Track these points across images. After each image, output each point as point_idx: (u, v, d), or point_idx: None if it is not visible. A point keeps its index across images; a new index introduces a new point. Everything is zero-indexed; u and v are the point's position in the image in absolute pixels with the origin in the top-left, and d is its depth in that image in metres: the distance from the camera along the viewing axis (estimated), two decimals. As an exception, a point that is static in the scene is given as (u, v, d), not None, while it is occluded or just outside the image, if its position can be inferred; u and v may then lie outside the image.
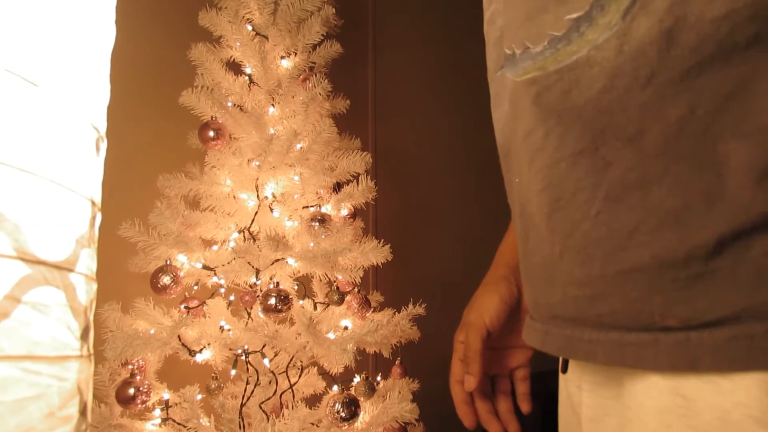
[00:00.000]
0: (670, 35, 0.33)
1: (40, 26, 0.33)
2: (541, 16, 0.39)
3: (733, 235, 0.33)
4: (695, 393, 0.36)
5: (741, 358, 0.33)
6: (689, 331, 0.35)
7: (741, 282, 0.33)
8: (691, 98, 0.34)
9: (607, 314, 0.40)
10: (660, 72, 0.34)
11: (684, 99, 0.34)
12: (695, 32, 0.32)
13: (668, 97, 0.34)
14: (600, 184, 0.38)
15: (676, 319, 0.36)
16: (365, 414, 1.08)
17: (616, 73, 0.36)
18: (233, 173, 1.15)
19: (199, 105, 1.14)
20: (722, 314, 0.34)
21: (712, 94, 0.33)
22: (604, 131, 0.38)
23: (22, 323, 0.30)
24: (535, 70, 0.41)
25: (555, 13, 0.38)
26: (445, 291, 1.26)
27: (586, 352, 0.43)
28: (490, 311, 0.68)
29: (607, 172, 0.38)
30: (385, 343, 1.16)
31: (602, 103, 0.37)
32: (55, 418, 0.32)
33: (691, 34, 0.32)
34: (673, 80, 0.34)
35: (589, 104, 0.38)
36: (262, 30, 1.22)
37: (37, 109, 0.32)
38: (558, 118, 0.40)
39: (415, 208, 1.87)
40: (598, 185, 0.38)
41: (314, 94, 1.14)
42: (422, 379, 1.27)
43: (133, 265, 1.11)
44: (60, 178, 0.34)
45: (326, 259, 1.05)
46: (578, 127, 0.39)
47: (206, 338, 1.03)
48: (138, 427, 1.02)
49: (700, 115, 0.34)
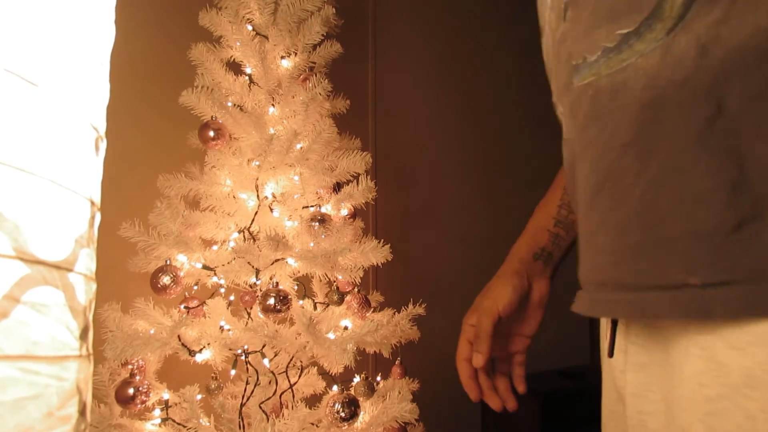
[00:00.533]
0: (704, 49, 0.41)
1: (40, 26, 0.33)
2: (596, 31, 0.48)
3: (752, 217, 0.41)
4: (727, 358, 0.43)
5: (750, 308, 0.41)
6: (706, 288, 0.43)
7: (755, 252, 0.41)
8: (719, 100, 0.41)
9: (631, 275, 0.48)
10: (694, 77, 0.42)
11: (713, 100, 0.42)
12: (724, 48, 0.41)
13: (700, 98, 0.42)
14: (644, 170, 0.46)
15: (698, 277, 0.43)
16: (365, 414, 1.08)
17: (658, 75, 0.44)
18: (233, 173, 1.15)
19: (199, 105, 1.14)
20: (737, 276, 0.42)
21: (736, 97, 0.41)
22: (645, 126, 0.46)
23: (21, 323, 0.30)
24: (591, 75, 0.50)
25: (607, 28, 0.47)
26: (445, 291, 1.26)
27: (608, 309, 0.54)
28: (503, 299, 0.76)
29: (650, 159, 0.46)
30: (385, 343, 1.16)
31: (644, 100, 0.45)
32: (54, 418, 0.32)
33: (721, 49, 0.41)
34: (704, 84, 0.42)
35: (634, 102, 0.46)
36: (262, 30, 1.22)
37: (36, 109, 0.32)
38: (610, 115, 0.48)
39: (415, 208, 1.87)
40: (642, 171, 0.46)
41: (314, 94, 1.14)
42: (422, 379, 1.27)
43: (133, 265, 1.11)
44: (59, 178, 0.34)
45: (326, 259, 1.05)
46: (625, 122, 0.47)
47: (206, 338, 1.03)
48: (138, 427, 1.02)
49: (726, 115, 0.41)
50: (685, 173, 0.44)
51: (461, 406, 1.17)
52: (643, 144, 0.46)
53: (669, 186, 0.45)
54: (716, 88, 0.41)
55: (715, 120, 0.42)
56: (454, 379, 0.97)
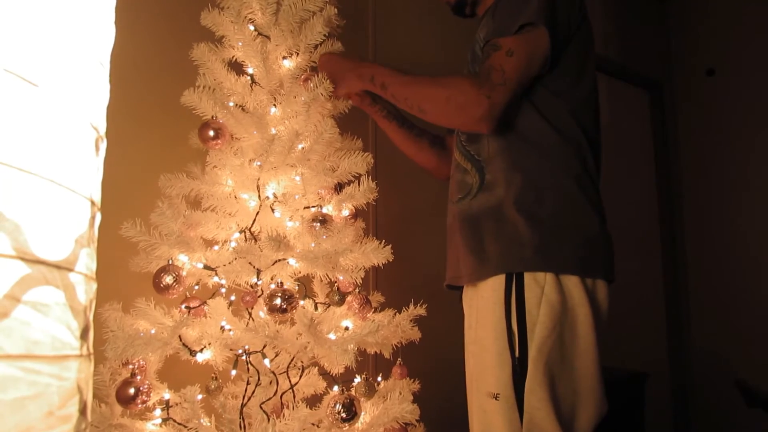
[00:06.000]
0: (471, 204, 1.16)
1: (40, 26, 0.33)
2: (455, 194, 1.23)
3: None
4: (480, 293, 1.09)
5: (483, 273, 1.09)
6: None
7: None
8: (480, 221, 1.14)
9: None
10: (470, 213, 1.16)
11: (477, 222, 1.14)
12: (478, 207, 1.13)
13: (468, 221, 1.16)
14: (452, 239, 1.26)
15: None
16: (366, 414, 1.08)
17: (463, 210, 1.16)
18: (235, 173, 1.15)
19: (200, 105, 1.14)
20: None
21: (485, 222, 1.12)
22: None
23: (21, 322, 0.30)
24: (457, 206, 1.21)
25: (457, 192, 1.22)
26: (446, 291, 1.26)
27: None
28: None
29: (454, 235, 1.23)
30: (385, 343, 1.16)
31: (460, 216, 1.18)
32: (54, 417, 0.32)
33: (476, 207, 1.14)
34: (473, 215, 1.15)
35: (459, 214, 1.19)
36: (264, 30, 1.22)
37: (36, 109, 0.32)
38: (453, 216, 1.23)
39: (416, 209, 1.87)
40: (451, 239, 1.27)
41: (316, 95, 1.14)
42: (423, 379, 1.27)
43: (134, 265, 1.11)
44: (60, 178, 0.34)
45: (327, 260, 1.05)
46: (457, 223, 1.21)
47: (207, 338, 1.03)
48: (139, 427, 1.02)
49: (480, 224, 1.12)
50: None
51: (462, 406, 1.17)
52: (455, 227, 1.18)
53: None
54: (477, 218, 1.11)
55: (476, 226, 1.11)
56: (455, 379, 0.97)
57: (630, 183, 2.89)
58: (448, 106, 1.05)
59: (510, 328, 1.01)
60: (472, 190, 1.13)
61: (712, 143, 2.97)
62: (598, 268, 1.06)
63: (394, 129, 1.40)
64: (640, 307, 2.83)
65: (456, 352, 1.29)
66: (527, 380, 0.99)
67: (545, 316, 1.00)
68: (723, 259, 2.88)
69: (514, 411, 0.99)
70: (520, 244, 1.03)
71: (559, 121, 1.08)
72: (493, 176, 1.10)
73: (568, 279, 1.02)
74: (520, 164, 1.07)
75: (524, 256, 1.02)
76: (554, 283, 1.01)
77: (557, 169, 1.07)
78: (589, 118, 1.13)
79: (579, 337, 1.02)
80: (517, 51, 1.02)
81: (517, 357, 1.00)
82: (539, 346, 0.99)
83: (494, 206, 1.08)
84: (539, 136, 1.08)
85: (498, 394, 1.00)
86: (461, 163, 1.17)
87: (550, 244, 1.03)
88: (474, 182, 1.12)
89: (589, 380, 1.03)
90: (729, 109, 2.91)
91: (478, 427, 1.05)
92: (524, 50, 1.02)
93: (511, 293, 1.02)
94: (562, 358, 1.01)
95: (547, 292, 1.01)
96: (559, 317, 1.01)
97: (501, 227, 1.06)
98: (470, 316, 1.13)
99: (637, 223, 2.94)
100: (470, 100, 1.02)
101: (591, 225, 1.07)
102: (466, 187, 1.14)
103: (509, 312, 1.02)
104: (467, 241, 1.11)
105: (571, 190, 1.06)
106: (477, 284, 1.10)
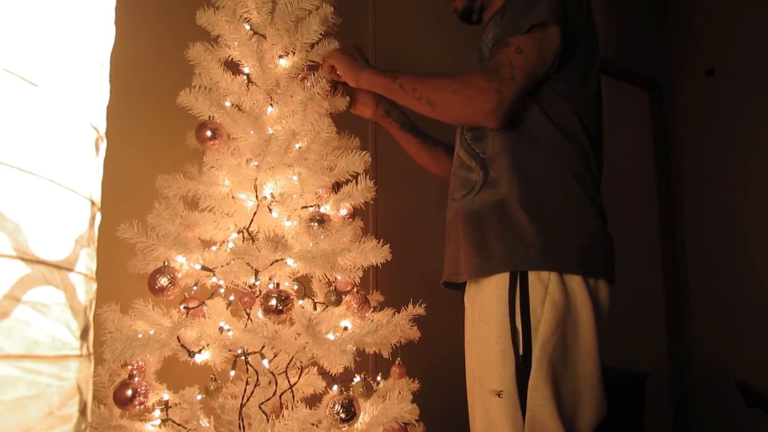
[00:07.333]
0: (474, 200, 1.17)
1: (40, 26, 0.32)
2: (456, 191, 1.25)
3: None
4: (483, 290, 1.10)
5: (486, 271, 1.09)
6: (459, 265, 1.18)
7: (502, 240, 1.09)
8: (482, 218, 1.15)
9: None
10: (473, 208, 1.16)
11: (480, 218, 1.14)
12: (481, 203, 1.15)
13: (471, 217, 1.17)
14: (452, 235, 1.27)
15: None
16: (365, 414, 1.08)
17: (467, 206, 1.17)
18: (232, 173, 1.15)
19: (197, 105, 1.14)
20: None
21: (489, 221, 1.13)
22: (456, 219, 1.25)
23: (21, 323, 0.30)
24: (459, 202, 1.22)
25: (459, 189, 1.23)
26: (445, 291, 1.26)
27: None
28: None
29: (455, 231, 1.21)
30: (384, 343, 1.16)
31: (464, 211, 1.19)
32: (54, 418, 0.32)
33: (479, 203, 1.15)
34: (475, 211, 1.15)
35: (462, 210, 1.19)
36: (260, 29, 1.22)
37: (36, 109, 0.32)
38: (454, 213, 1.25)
39: (414, 208, 1.87)
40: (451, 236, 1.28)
41: (313, 93, 1.13)
42: (422, 379, 1.27)
43: (132, 266, 1.10)
44: (60, 178, 0.34)
45: (325, 260, 1.05)
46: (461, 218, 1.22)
47: (205, 339, 1.03)
48: (138, 428, 1.02)
49: (484, 222, 1.12)
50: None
51: (462, 406, 1.17)
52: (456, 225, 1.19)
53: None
54: (480, 215, 1.12)
55: (479, 222, 1.13)
56: (454, 379, 0.97)
57: (630, 183, 2.90)
58: (456, 98, 1.06)
59: (514, 326, 1.02)
60: (475, 187, 1.13)
61: (712, 143, 2.98)
62: (600, 268, 1.07)
63: (410, 139, 1.41)
64: (640, 307, 2.83)
65: (455, 351, 1.29)
66: (531, 378, 1.00)
67: (549, 314, 1.01)
68: (723, 259, 2.89)
69: (516, 408, 1.00)
70: (524, 244, 1.04)
71: (563, 121, 1.09)
72: (496, 173, 1.10)
73: (572, 278, 1.04)
74: (524, 162, 1.08)
75: (529, 256, 1.03)
76: (558, 283, 1.02)
77: (560, 168, 1.08)
78: (592, 119, 1.14)
79: (581, 336, 1.03)
80: (527, 49, 1.03)
81: (521, 355, 1.01)
82: (543, 345, 1.00)
83: (497, 203, 1.09)
84: (543, 135, 1.08)
85: (501, 392, 1.01)
86: (465, 161, 1.18)
87: (554, 244, 1.04)
88: (477, 179, 1.13)
89: (589, 380, 1.04)
90: (729, 109, 2.92)
91: (481, 424, 1.06)
92: (535, 48, 1.03)
93: (515, 291, 1.03)
94: (564, 356, 1.02)
95: (551, 291, 1.02)
96: (563, 316, 1.02)
97: (504, 224, 1.07)
98: (473, 314, 1.13)
99: (637, 223, 2.94)
100: (479, 93, 1.02)
101: (593, 225, 1.08)
102: (469, 184, 1.15)
103: (513, 310, 1.03)
104: (469, 236, 1.12)
105: (574, 189, 1.08)
106: (480, 282, 1.11)
